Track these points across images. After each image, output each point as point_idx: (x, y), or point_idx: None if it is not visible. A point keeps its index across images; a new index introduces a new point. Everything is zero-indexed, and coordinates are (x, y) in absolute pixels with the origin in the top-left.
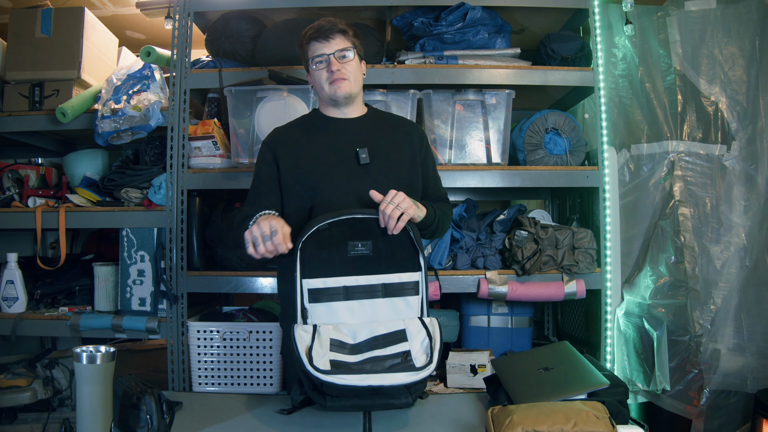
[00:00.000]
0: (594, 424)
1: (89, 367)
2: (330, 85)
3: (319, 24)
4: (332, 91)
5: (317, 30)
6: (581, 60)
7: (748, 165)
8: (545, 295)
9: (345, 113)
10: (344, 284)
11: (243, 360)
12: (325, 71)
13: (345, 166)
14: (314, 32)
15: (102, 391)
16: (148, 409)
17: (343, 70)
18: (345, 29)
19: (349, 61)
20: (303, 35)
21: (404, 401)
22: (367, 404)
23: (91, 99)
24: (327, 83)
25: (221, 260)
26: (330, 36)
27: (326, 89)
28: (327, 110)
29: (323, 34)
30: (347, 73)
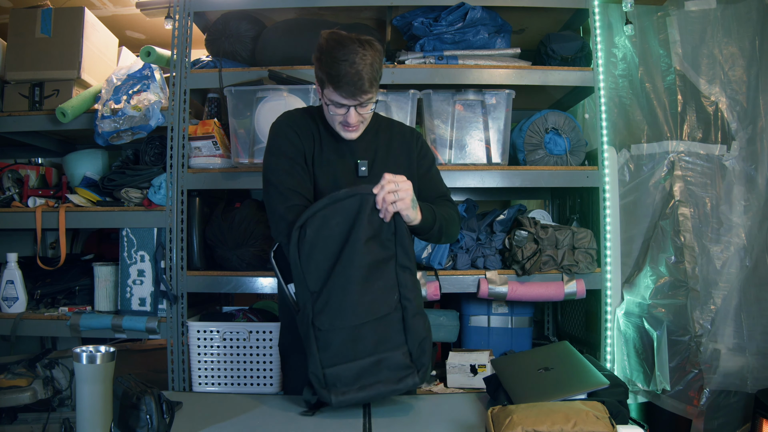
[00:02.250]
0: (594, 424)
1: (89, 367)
2: (341, 127)
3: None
4: (342, 134)
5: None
6: (581, 60)
7: (748, 165)
8: (545, 295)
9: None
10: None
11: (243, 360)
12: (341, 117)
13: (346, 176)
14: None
15: (102, 391)
16: (148, 409)
17: (357, 121)
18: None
19: (368, 110)
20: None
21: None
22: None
23: (91, 99)
24: (339, 125)
25: (221, 260)
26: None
27: (336, 128)
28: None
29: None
30: (362, 119)
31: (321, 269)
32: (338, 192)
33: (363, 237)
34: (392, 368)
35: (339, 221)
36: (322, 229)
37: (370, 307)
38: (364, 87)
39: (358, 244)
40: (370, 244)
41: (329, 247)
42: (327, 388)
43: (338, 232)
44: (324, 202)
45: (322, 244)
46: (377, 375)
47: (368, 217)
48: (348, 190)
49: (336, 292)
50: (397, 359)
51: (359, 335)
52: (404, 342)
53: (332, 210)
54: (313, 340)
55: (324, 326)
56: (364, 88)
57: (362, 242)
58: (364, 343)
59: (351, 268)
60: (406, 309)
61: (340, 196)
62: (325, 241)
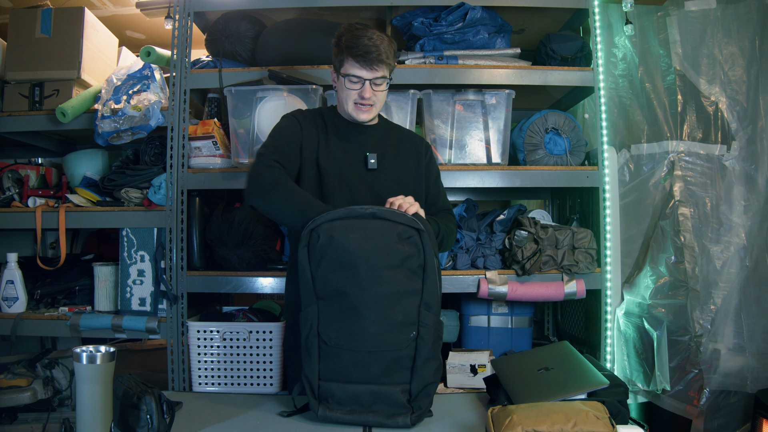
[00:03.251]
0: (594, 424)
1: (89, 367)
2: (355, 107)
3: (367, 45)
4: (355, 113)
5: (364, 52)
6: (581, 60)
7: (748, 165)
8: (545, 295)
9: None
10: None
11: (243, 360)
12: (356, 92)
13: (354, 169)
14: (360, 53)
15: (102, 391)
16: (148, 409)
17: (373, 98)
18: (385, 60)
19: (381, 89)
20: (344, 41)
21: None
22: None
23: (91, 99)
24: (353, 104)
25: (221, 260)
26: (372, 63)
27: (349, 108)
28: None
29: (369, 61)
30: (375, 100)
31: (330, 281)
32: (357, 208)
33: (385, 264)
34: (387, 403)
35: (357, 237)
36: (336, 239)
37: (383, 339)
38: (381, 57)
39: (380, 270)
40: (393, 273)
41: (341, 260)
42: (317, 398)
43: (355, 249)
44: (342, 213)
45: (333, 255)
46: (370, 405)
47: (395, 244)
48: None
49: (348, 314)
50: (394, 396)
51: (363, 362)
52: (408, 381)
53: (351, 224)
54: (316, 349)
55: (330, 341)
56: (380, 58)
57: (384, 269)
58: (366, 371)
59: (368, 293)
60: (419, 350)
61: (360, 213)
62: (338, 253)
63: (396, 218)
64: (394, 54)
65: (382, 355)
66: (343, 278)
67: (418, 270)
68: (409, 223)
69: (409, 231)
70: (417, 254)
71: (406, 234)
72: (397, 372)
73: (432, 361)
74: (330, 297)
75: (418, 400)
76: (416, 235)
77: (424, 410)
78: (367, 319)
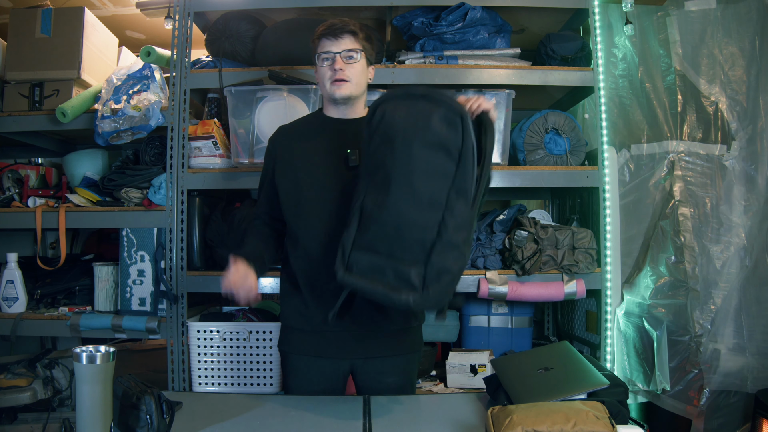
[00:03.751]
0: (594, 424)
1: (89, 367)
2: (331, 84)
3: (332, 22)
4: (332, 90)
5: (329, 27)
6: (581, 60)
7: (748, 165)
8: (545, 295)
9: (345, 113)
10: None
11: (243, 360)
12: (329, 69)
13: (333, 167)
14: (325, 29)
15: (102, 391)
16: (148, 409)
17: (346, 71)
18: (356, 31)
19: (354, 62)
20: (315, 31)
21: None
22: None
23: (91, 99)
24: (329, 81)
25: (221, 260)
26: (340, 35)
27: (327, 87)
28: (328, 110)
29: (333, 32)
30: (350, 74)
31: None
32: (413, 87)
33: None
34: (399, 278)
35: (401, 114)
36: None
37: (407, 215)
38: (347, 28)
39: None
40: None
41: (386, 134)
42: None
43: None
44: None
45: (381, 130)
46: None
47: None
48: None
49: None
50: (408, 274)
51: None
52: (422, 263)
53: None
54: (357, 219)
55: (366, 210)
56: (346, 29)
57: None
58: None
59: (398, 168)
60: (441, 236)
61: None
62: (384, 128)
63: (441, 99)
64: (368, 36)
65: (405, 231)
66: (383, 152)
67: (455, 153)
68: (454, 107)
69: (451, 115)
70: (455, 138)
71: (449, 117)
72: (416, 251)
73: (452, 249)
74: (374, 171)
75: (429, 286)
76: (458, 120)
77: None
78: (394, 194)
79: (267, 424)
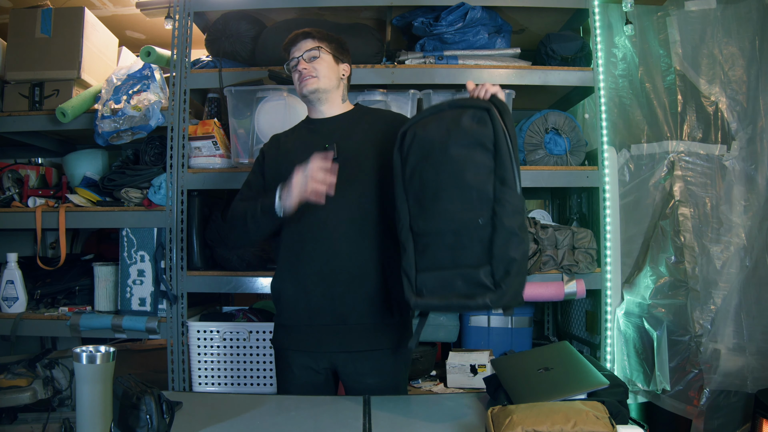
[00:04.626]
0: (594, 424)
1: (89, 367)
2: (299, 83)
3: (294, 33)
4: (301, 88)
5: (289, 38)
6: (581, 60)
7: (748, 165)
8: (545, 295)
9: (323, 112)
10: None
11: (243, 360)
12: (296, 72)
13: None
14: (287, 41)
15: (102, 391)
16: (148, 409)
17: (309, 68)
18: (311, 32)
19: (317, 60)
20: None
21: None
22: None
23: (91, 99)
24: (298, 83)
25: (221, 260)
26: (299, 41)
27: (298, 88)
28: (310, 112)
29: (293, 40)
30: (315, 71)
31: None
32: (437, 103)
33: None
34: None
35: (433, 127)
36: (418, 134)
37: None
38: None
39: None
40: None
41: (422, 150)
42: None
43: (430, 136)
44: (427, 111)
45: (416, 148)
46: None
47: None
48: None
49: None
50: (477, 277)
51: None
52: (487, 262)
53: (430, 119)
54: (411, 242)
55: (420, 230)
56: (304, 33)
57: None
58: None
59: (442, 174)
60: (497, 229)
61: (438, 107)
62: (419, 145)
63: (465, 103)
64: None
65: (463, 235)
66: (423, 167)
67: (490, 145)
68: (477, 105)
69: (478, 112)
70: (487, 132)
71: (477, 116)
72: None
73: (513, 237)
74: (416, 189)
75: (502, 281)
76: (485, 114)
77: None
78: (444, 199)
79: (267, 424)
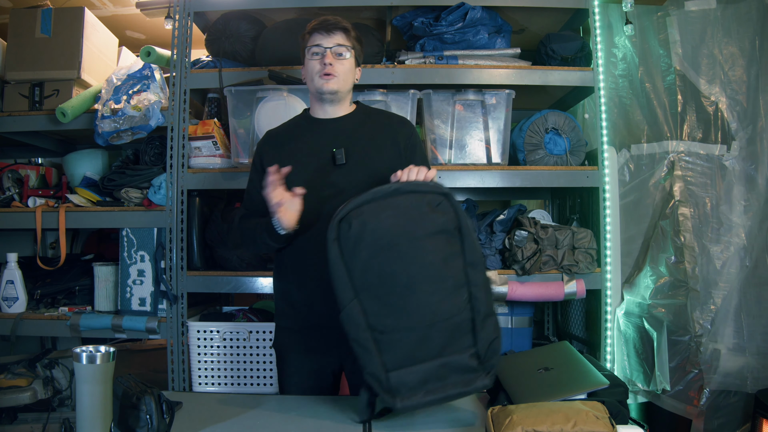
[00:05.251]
0: (594, 424)
1: (89, 367)
2: (319, 78)
3: (324, 18)
4: (320, 84)
5: (321, 22)
6: (581, 60)
7: (748, 165)
8: (545, 295)
9: (329, 113)
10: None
11: (243, 360)
12: (318, 63)
13: (321, 167)
14: (318, 24)
15: (102, 391)
16: (148, 409)
17: (336, 65)
18: (348, 28)
19: (343, 60)
20: (306, 27)
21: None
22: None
23: (91, 99)
24: (317, 75)
25: (221, 260)
26: (332, 30)
27: (315, 81)
28: (314, 109)
29: (326, 27)
30: (339, 70)
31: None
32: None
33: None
34: (460, 371)
35: (390, 215)
36: (369, 223)
37: (439, 308)
38: (339, 24)
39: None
40: (434, 241)
41: (380, 242)
42: (390, 392)
43: (390, 225)
44: (368, 196)
45: (370, 239)
46: (444, 379)
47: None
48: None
49: (398, 292)
50: (464, 362)
51: (426, 337)
52: (473, 344)
53: (379, 204)
54: (372, 343)
55: (386, 328)
56: (339, 25)
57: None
58: (429, 346)
59: (415, 266)
60: (476, 310)
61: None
62: (373, 235)
63: (421, 188)
64: (358, 37)
65: (442, 326)
66: (386, 259)
67: (455, 232)
68: (435, 190)
69: (437, 198)
70: (450, 218)
71: (435, 201)
72: (460, 338)
73: (490, 317)
74: (374, 284)
75: (487, 359)
76: (445, 200)
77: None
78: (421, 291)
79: (267, 424)
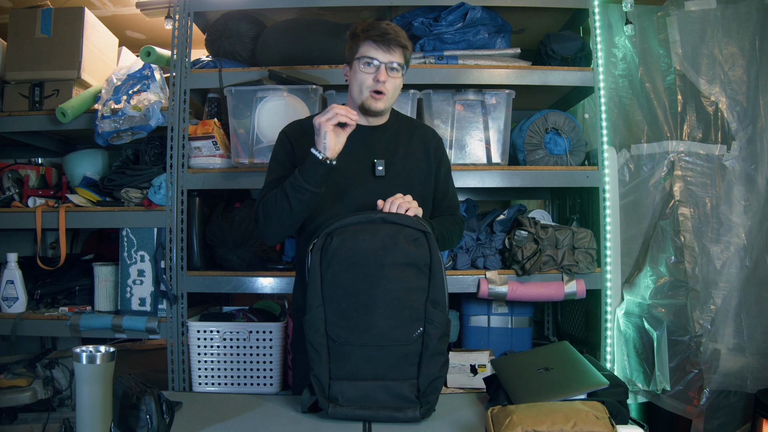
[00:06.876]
0: (594, 424)
1: (89, 367)
2: (369, 95)
3: (383, 27)
4: (369, 102)
5: (382, 33)
6: (581, 60)
7: (748, 165)
8: (545, 295)
9: (369, 121)
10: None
11: (243, 360)
12: (370, 78)
13: (362, 177)
14: (377, 34)
15: (102, 391)
16: (148, 409)
17: (388, 84)
18: (406, 45)
19: (396, 77)
20: (360, 28)
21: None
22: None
23: (91, 99)
24: (367, 90)
25: (221, 260)
26: (392, 47)
27: (363, 95)
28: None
29: (386, 41)
30: (389, 88)
31: (339, 281)
32: (369, 213)
33: (392, 262)
34: (396, 398)
35: (366, 239)
36: (347, 241)
37: (391, 334)
38: (399, 40)
39: (388, 268)
40: (401, 271)
41: (351, 260)
42: (328, 398)
43: (363, 249)
44: (357, 219)
45: (343, 255)
46: (380, 400)
47: (402, 244)
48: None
49: (358, 310)
50: (402, 391)
51: (373, 357)
52: (415, 376)
53: (362, 228)
54: (325, 349)
55: (340, 339)
56: (398, 41)
57: (392, 266)
58: (375, 367)
59: (377, 289)
60: (427, 346)
61: (372, 218)
62: (348, 254)
63: (403, 221)
64: (410, 47)
65: (390, 350)
66: (352, 277)
67: (425, 269)
68: (415, 226)
69: (415, 233)
70: (424, 254)
71: (413, 236)
72: (404, 367)
73: (438, 356)
74: (338, 296)
75: (426, 395)
76: (422, 237)
77: (432, 404)
78: (376, 314)
79: (267, 424)
